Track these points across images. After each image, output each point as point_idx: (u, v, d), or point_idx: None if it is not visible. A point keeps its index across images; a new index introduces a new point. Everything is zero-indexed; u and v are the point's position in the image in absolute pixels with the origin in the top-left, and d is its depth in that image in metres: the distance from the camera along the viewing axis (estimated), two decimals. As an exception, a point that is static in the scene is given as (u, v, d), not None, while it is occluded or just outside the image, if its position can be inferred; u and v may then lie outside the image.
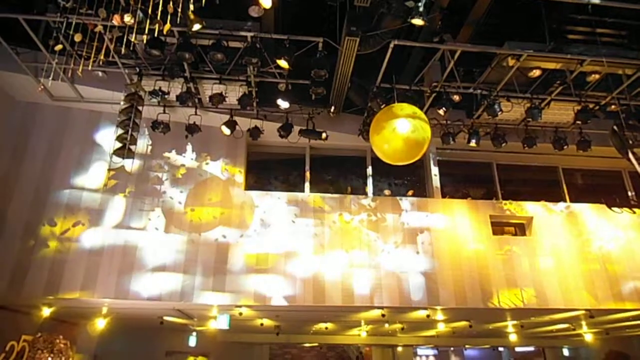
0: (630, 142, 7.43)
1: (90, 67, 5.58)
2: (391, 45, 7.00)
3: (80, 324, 10.73)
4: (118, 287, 7.62)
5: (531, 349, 18.50)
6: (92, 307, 8.78)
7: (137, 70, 7.59)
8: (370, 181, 9.64)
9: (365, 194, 9.44)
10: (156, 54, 6.23)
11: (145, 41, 6.20)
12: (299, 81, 7.90)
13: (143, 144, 8.70)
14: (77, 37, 5.38)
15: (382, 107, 7.45)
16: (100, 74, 7.82)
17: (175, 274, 7.87)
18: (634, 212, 7.33)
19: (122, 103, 7.41)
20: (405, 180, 10.17)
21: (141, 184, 8.47)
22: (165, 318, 10.23)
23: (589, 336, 13.35)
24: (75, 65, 6.25)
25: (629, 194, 10.34)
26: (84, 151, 8.50)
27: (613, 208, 6.79)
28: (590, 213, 9.46)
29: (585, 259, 8.97)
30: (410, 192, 9.82)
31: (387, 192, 9.79)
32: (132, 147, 7.35)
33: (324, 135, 8.59)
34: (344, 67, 7.57)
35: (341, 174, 10.11)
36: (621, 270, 8.92)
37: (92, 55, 5.32)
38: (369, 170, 9.73)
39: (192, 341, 12.06)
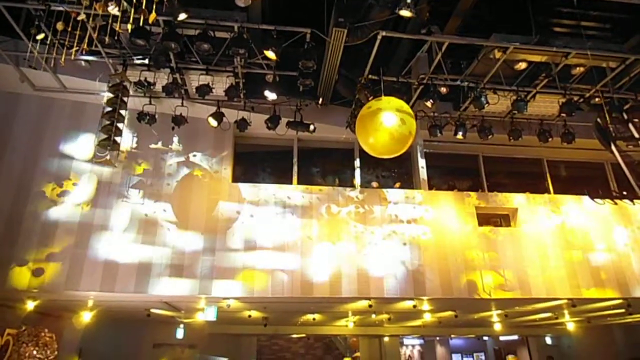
0: (613, 134, 7.57)
1: (73, 57, 5.48)
2: (379, 37, 6.99)
3: (66, 316, 10.62)
4: (103, 281, 7.55)
5: (515, 338, 18.86)
6: (77, 300, 8.70)
7: (122, 60, 7.46)
8: (358, 173, 9.66)
9: (353, 186, 9.46)
10: (141, 44, 6.12)
11: (129, 30, 6.08)
12: (287, 72, 7.85)
13: (128, 135, 8.58)
14: (60, 26, 5.27)
15: (369, 99, 7.45)
16: (83, 63, 7.68)
17: (162, 266, 7.81)
18: (616, 204, 7.48)
19: (106, 94, 7.28)
20: (392, 172, 10.22)
21: (127, 177, 8.37)
22: (152, 310, 10.18)
23: (571, 325, 13.67)
24: (57, 55, 6.10)
25: (611, 185, 10.53)
26: (67, 142, 8.36)
27: (595, 199, 6.92)
28: (573, 204, 9.62)
29: (568, 249, 9.14)
30: (397, 184, 9.87)
31: (374, 184, 9.82)
32: (117, 139, 7.23)
33: (311, 127, 8.57)
34: (332, 59, 7.54)
35: (329, 166, 10.11)
36: (602, 260, 9.11)
37: (75, 44, 5.21)
38: (357, 163, 9.75)
39: (180, 333, 12.05)
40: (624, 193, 7.13)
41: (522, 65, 7.84)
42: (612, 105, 8.23)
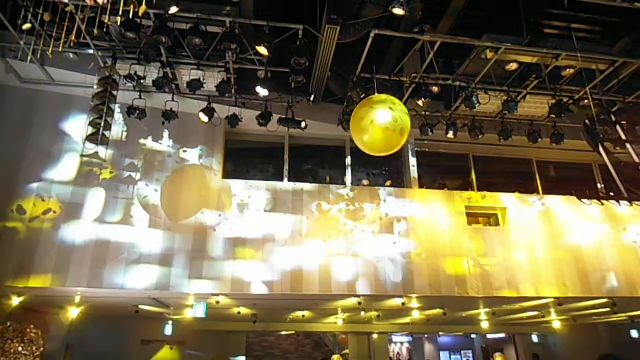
0: (601, 136, 7.65)
1: (60, 49, 5.38)
2: (372, 35, 6.98)
3: (52, 312, 10.51)
4: (91, 276, 7.47)
5: (502, 336, 19.04)
6: (64, 296, 8.60)
7: (111, 53, 7.36)
8: (349, 171, 9.66)
9: (344, 183, 9.46)
10: (131, 37, 6.03)
11: (119, 23, 6.00)
12: (279, 69, 7.81)
13: (118, 130, 8.49)
14: (47, 17, 5.17)
15: (362, 97, 7.44)
16: (71, 55, 7.56)
17: (151, 262, 7.75)
18: (602, 204, 7.56)
19: (95, 87, 7.18)
20: (383, 170, 10.24)
21: (116, 172, 8.28)
22: (141, 307, 10.11)
23: (557, 323, 13.82)
24: (45, 46, 6.01)
25: (599, 186, 10.66)
26: (54, 136, 8.24)
27: (583, 200, 6.99)
28: (561, 204, 9.72)
29: (556, 248, 9.24)
30: (388, 183, 9.90)
31: (365, 182, 9.84)
32: (107, 133, 7.15)
33: (303, 124, 8.54)
34: (324, 56, 7.51)
35: (320, 163, 10.10)
36: (589, 260, 9.22)
37: (63, 36, 5.12)
38: (348, 160, 9.75)
39: (169, 329, 11.99)
40: (611, 194, 7.21)
41: (514, 66, 7.88)
42: (601, 107, 8.32)
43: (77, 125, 8.26)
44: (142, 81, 7.58)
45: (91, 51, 7.32)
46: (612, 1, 6.65)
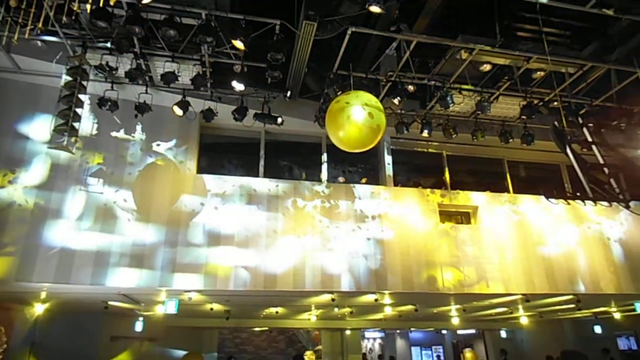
0: (569, 137, 7.88)
1: (27, 36, 5.18)
2: (348, 32, 7.00)
3: (17, 309, 10.17)
4: (58, 272, 7.26)
5: (472, 331, 19.48)
6: (29, 292, 8.33)
7: (81, 42, 7.14)
8: (325, 168, 9.67)
9: (320, 180, 9.47)
10: (102, 26, 5.86)
11: (89, 11, 5.82)
12: (255, 64, 7.75)
13: (88, 122, 8.25)
14: (13, 2, 4.96)
15: (338, 94, 7.46)
16: (39, 43, 7.29)
17: (122, 258, 7.59)
18: (569, 204, 7.80)
19: (64, 77, 6.95)
20: (359, 167, 10.30)
21: (85, 164, 8.05)
22: (110, 303, 9.88)
23: (524, 319, 14.23)
24: (10, 33, 5.77)
25: (566, 186, 11.00)
26: (20, 127, 7.94)
27: (550, 199, 7.19)
28: (530, 203, 9.99)
29: (525, 246, 9.49)
30: (364, 180, 9.96)
31: (341, 179, 9.87)
32: (76, 125, 6.93)
33: (279, 120, 8.51)
34: (301, 52, 7.49)
35: (296, 159, 10.08)
36: (556, 257, 9.52)
37: (30, 22, 4.93)
38: (324, 157, 9.76)
39: (139, 326, 11.76)
40: (577, 194, 7.44)
41: (487, 67, 8.04)
42: (569, 110, 8.58)
43: (44, 116, 7.98)
44: (113, 72, 7.38)
45: (60, 39, 7.08)
46: (582, 6, 6.85)
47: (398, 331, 21.21)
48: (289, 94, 8.62)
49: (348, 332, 16.03)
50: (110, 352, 12.18)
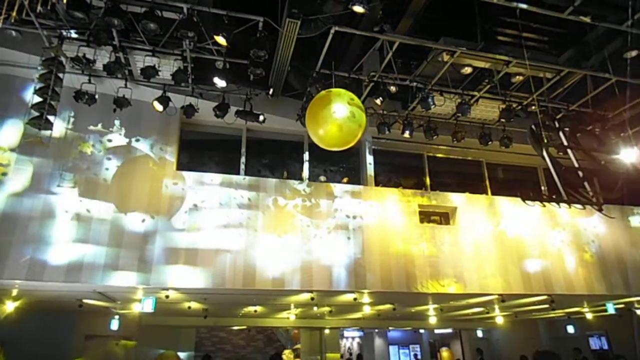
0: (546, 141, 8.05)
1: (0, 25, 5.01)
2: (332, 31, 7.00)
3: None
4: (31, 268, 7.06)
5: (449, 331, 19.74)
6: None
7: (58, 33, 6.95)
8: (306, 167, 9.65)
9: (301, 179, 9.45)
10: (79, 17, 5.72)
11: (66, 1, 5.66)
12: (238, 60, 7.68)
13: (65, 115, 8.05)
14: (-14, -10, 4.80)
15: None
16: (14, 33, 7.07)
17: (97, 255, 7.42)
18: (544, 206, 7.96)
19: (39, 68, 6.76)
20: (341, 167, 10.31)
21: (61, 159, 7.85)
22: (85, 301, 9.67)
23: (500, 319, 14.49)
24: (-17, 22, 5.59)
25: (542, 188, 11.24)
26: (-6, 118, 7.72)
27: (527, 201, 7.33)
28: (508, 205, 10.16)
29: (501, 247, 9.65)
30: (345, 179, 9.98)
31: (322, 178, 9.87)
32: (51, 118, 6.75)
33: (261, 117, 8.45)
34: (284, 50, 7.46)
35: (278, 158, 10.03)
36: (531, 258, 9.71)
37: (4, 11, 4.78)
38: (306, 156, 9.74)
39: (115, 324, 11.55)
40: (553, 197, 7.61)
41: (468, 70, 8.16)
42: (546, 114, 8.76)
43: (18, 108, 7.75)
44: (91, 65, 7.21)
45: (36, 30, 6.87)
46: (560, 13, 7.00)
47: (376, 330, 21.34)
48: (271, 91, 8.57)
49: (327, 331, 16.07)
50: (84, 351, 11.93)
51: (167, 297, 8.43)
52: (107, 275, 7.37)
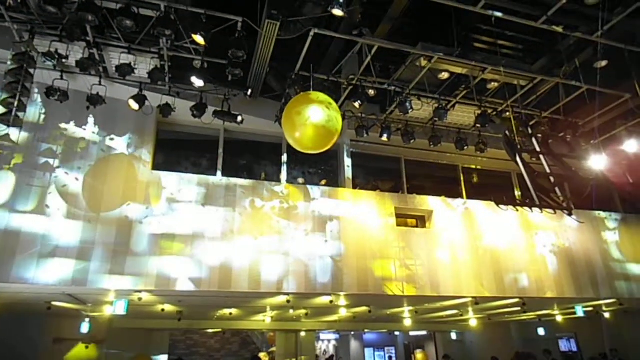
0: (519, 147, 8.24)
1: (-33, 17, 4.83)
2: (311, 34, 7.01)
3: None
4: (-2, 269, 6.82)
5: (423, 333, 19.95)
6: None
7: (29, 27, 6.74)
8: (284, 169, 9.62)
9: (279, 181, 9.41)
10: (52, 11, 5.56)
11: (38, -5, 5.52)
12: (216, 60, 7.60)
13: (35, 111, 7.82)
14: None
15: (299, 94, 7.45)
16: (-18, 27, 6.84)
17: (68, 256, 7.21)
18: (517, 210, 8.14)
19: (9, 63, 6.54)
20: (319, 169, 10.32)
21: (31, 157, 7.61)
22: (54, 303, 9.39)
23: (473, 321, 14.71)
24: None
25: (516, 193, 11.49)
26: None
27: (500, 206, 7.48)
28: (482, 209, 10.35)
29: (475, 250, 9.82)
30: (323, 182, 9.99)
31: (300, 180, 9.85)
32: (20, 115, 6.54)
33: (239, 118, 8.38)
34: (263, 51, 7.43)
35: (256, 159, 9.97)
36: (504, 262, 9.90)
37: (-30, 3, 4.62)
38: (284, 158, 9.71)
39: (85, 327, 11.24)
40: (526, 201, 7.79)
41: (445, 75, 8.29)
42: (520, 120, 8.96)
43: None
44: (63, 60, 7.02)
45: (5, 23, 6.65)
46: (534, 22, 7.19)
47: (352, 333, 21.41)
48: (249, 92, 8.52)
49: (303, 333, 16.00)
50: (53, 355, 11.58)
51: (140, 299, 8.25)
52: (77, 277, 7.16)
